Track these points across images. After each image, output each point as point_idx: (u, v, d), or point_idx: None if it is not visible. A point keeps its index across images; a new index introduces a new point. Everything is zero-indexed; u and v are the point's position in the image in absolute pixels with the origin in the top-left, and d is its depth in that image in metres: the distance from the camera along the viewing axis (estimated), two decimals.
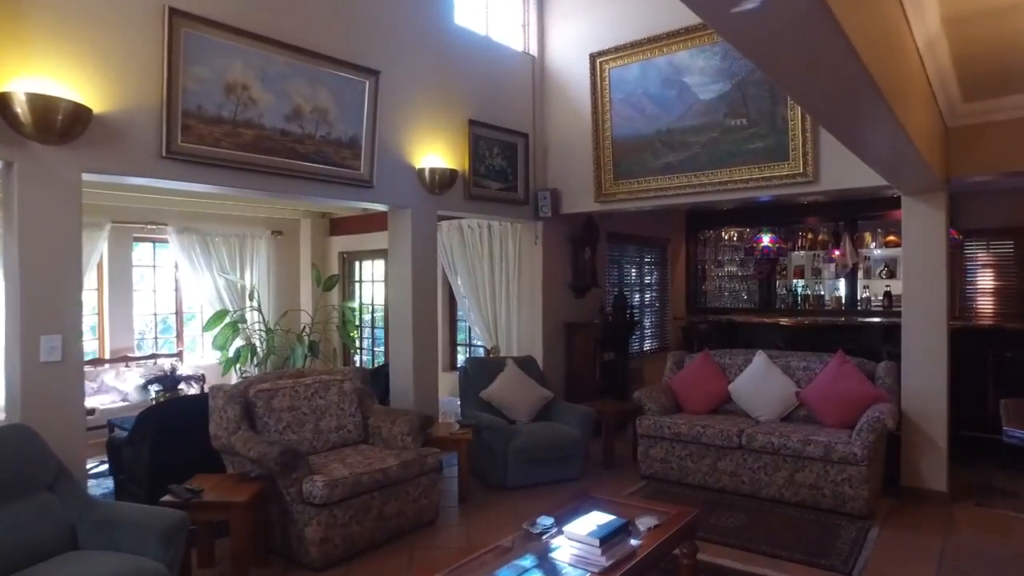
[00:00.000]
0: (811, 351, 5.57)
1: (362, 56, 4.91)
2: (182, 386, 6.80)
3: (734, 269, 9.03)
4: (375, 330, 9.33)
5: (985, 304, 7.80)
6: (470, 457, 5.06)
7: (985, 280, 7.83)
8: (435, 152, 5.52)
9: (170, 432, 4.28)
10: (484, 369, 5.68)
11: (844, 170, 4.93)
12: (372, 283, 9.37)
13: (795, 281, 8.66)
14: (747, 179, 5.42)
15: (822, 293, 8.50)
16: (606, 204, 6.27)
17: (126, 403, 6.97)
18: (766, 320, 7.27)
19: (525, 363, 5.85)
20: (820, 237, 8.44)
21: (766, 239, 7.47)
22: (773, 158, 5.28)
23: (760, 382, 5.32)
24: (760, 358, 5.44)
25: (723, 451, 4.91)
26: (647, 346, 8.57)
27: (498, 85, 6.18)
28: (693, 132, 5.68)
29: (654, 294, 8.86)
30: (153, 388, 6.49)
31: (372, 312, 9.38)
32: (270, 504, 3.85)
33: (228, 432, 4.01)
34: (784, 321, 7.09)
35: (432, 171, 5.42)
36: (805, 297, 8.52)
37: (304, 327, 8.70)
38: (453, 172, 5.55)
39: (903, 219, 4.92)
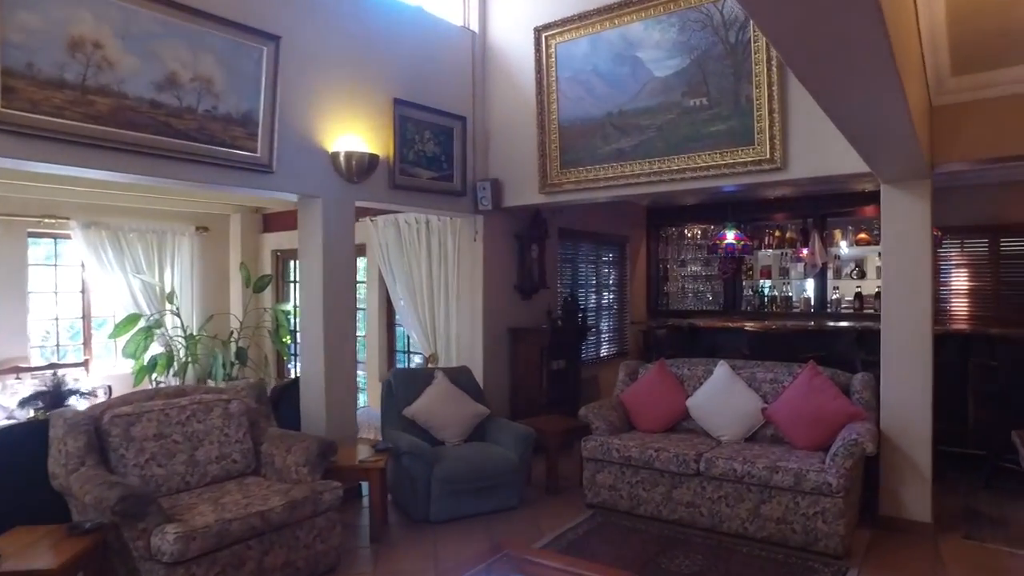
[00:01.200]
0: (778, 359, 4.96)
1: (257, 18, 4.17)
2: (73, 401, 5.97)
3: (698, 269, 8.46)
4: None
5: (960, 307, 7.38)
6: (389, 486, 4.36)
7: (959, 281, 7.42)
8: (353, 133, 4.79)
9: (10, 466, 3.48)
10: (411, 382, 4.94)
11: (816, 155, 4.34)
12: None
13: (762, 281, 8.12)
14: (708, 166, 4.79)
15: (790, 294, 7.99)
16: (552, 196, 5.59)
17: (13, 421, 6.09)
18: (730, 324, 6.65)
19: (458, 375, 5.13)
20: (788, 235, 7.90)
21: (730, 236, 6.87)
22: (737, 142, 4.66)
23: (722, 397, 4.68)
24: (722, 369, 4.81)
25: (679, 478, 4.25)
26: (604, 352, 7.92)
27: (432, 62, 5.46)
28: (648, 114, 5.04)
29: (612, 296, 8.21)
30: (34, 405, 5.66)
31: None
32: (116, 561, 3.09)
33: (67, 469, 3.23)
34: (749, 326, 6.48)
35: (348, 155, 4.69)
36: (772, 299, 7.99)
37: (232, 332, 7.89)
38: (374, 157, 4.83)
39: (883, 211, 4.32)
